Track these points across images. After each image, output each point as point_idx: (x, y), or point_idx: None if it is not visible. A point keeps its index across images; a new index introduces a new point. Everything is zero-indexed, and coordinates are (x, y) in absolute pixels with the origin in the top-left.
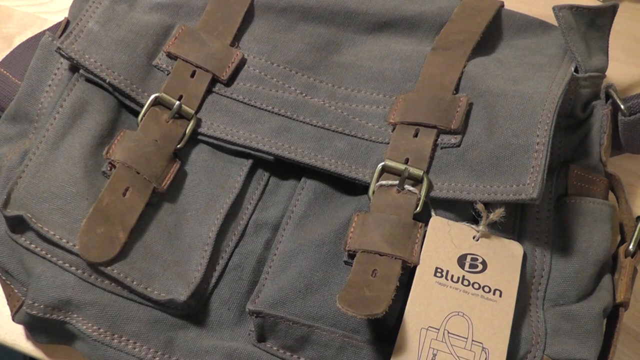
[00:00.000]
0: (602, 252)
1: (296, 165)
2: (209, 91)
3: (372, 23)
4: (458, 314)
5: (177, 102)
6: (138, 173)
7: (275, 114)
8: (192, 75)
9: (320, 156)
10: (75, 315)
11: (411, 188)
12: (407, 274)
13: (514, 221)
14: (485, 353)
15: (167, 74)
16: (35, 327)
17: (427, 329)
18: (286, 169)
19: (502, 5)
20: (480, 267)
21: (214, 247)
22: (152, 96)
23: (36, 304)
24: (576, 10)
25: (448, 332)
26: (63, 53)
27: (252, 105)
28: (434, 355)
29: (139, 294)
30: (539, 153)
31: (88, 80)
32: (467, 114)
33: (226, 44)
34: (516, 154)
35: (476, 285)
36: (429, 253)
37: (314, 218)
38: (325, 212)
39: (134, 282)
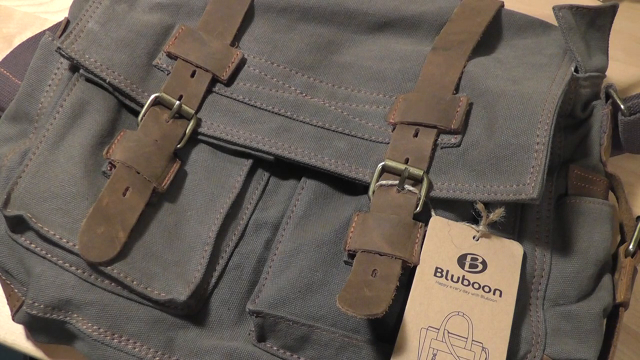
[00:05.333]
0: (602, 252)
1: (296, 165)
2: (209, 91)
3: (372, 23)
4: (458, 314)
5: (177, 102)
6: (138, 173)
7: (275, 113)
8: (192, 75)
9: (320, 156)
10: (75, 315)
11: (411, 188)
12: (407, 274)
13: (514, 221)
14: (485, 353)
15: (167, 74)
16: (35, 327)
17: (427, 329)
18: (286, 169)
19: (502, 5)
20: (480, 267)
21: (214, 246)
22: (152, 96)
23: (36, 304)
24: (576, 10)
25: (448, 332)
26: (63, 53)
27: (252, 105)
28: (434, 355)
29: (139, 294)
30: (539, 153)
31: (88, 80)
32: (467, 114)
33: (226, 44)
34: (516, 154)
35: (476, 285)
36: (429, 253)
37: (314, 218)
38: (325, 212)
39: (134, 282)
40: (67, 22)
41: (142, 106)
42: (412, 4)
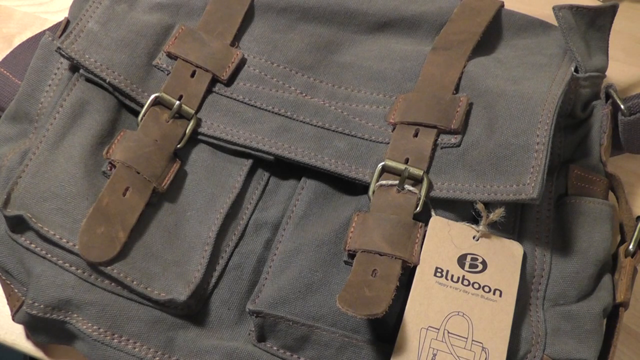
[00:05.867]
0: (602, 252)
1: (296, 165)
2: (209, 91)
3: (372, 23)
4: (458, 314)
5: (177, 102)
6: (138, 173)
7: (275, 113)
8: (192, 75)
9: (320, 156)
10: (75, 315)
11: (411, 188)
12: (407, 274)
13: (514, 221)
14: (485, 353)
15: (167, 74)
16: (35, 327)
17: (427, 329)
18: (286, 168)
19: (502, 5)
20: (480, 267)
21: (214, 246)
22: (152, 96)
23: (36, 304)
24: (576, 10)
25: (448, 332)
26: (63, 53)
27: (252, 105)
28: (434, 355)
29: (139, 294)
30: (539, 153)
31: (88, 80)
32: (467, 114)
33: (226, 44)
34: (516, 154)
35: (476, 285)
36: (429, 253)
37: (314, 218)
38: (325, 212)
39: (134, 282)
40: (67, 22)
41: (142, 106)
42: (412, 4)
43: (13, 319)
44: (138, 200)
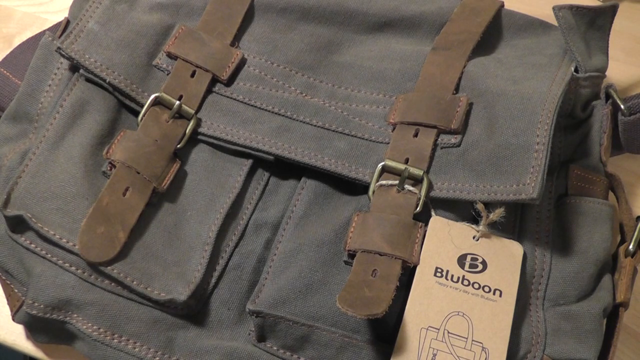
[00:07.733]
0: (602, 252)
1: (296, 165)
2: (209, 91)
3: (372, 23)
4: (458, 314)
5: (177, 102)
6: (138, 173)
7: (275, 113)
8: (192, 75)
9: (320, 156)
10: (75, 315)
11: (411, 188)
12: (407, 274)
13: (514, 221)
14: (485, 353)
15: (167, 74)
16: (35, 327)
17: (427, 329)
18: (286, 168)
19: (502, 5)
20: (480, 267)
21: (214, 246)
22: (152, 96)
23: (36, 304)
24: (576, 10)
25: (448, 332)
26: (63, 53)
27: (252, 105)
28: (434, 355)
29: (139, 294)
30: (539, 153)
31: (88, 80)
32: (467, 114)
33: (226, 44)
34: (516, 154)
35: (476, 285)
36: (429, 253)
37: (314, 218)
38: (325, 212)
39: (134, 282)
40: (67, 22)
41: (142, 106)
42: (412, 4)
43: (13, 319)
44: (138, 200)
